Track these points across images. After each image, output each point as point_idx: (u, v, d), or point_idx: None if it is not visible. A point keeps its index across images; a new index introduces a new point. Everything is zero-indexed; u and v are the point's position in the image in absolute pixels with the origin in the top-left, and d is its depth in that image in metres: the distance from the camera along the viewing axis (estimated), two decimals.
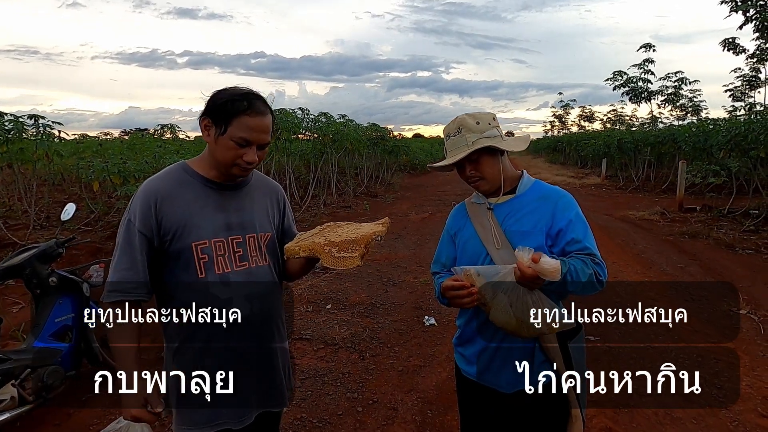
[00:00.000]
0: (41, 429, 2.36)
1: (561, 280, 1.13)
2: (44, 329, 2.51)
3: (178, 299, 1.17)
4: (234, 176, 1.21)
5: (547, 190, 1.33)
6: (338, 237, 1.19)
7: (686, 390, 2.29)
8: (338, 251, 1.14)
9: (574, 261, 1.19)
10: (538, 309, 1.15)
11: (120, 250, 1.14)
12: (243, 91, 1.16)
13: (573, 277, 1.17)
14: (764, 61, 14.60)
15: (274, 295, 1.28)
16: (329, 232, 1.25)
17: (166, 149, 6.86)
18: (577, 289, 1.20)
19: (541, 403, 1.30)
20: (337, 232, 1.24)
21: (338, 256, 1.14)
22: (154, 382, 1.20)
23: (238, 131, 1.13)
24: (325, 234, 1.24)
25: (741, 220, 7.57)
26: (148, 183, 1.19)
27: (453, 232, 1.45)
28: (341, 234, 1.21)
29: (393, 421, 2.35)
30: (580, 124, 33.03)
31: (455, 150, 1.29)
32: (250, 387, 1.23)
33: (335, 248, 1.15)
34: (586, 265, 1.19)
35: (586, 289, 1.20)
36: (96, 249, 5.55)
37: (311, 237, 1.24)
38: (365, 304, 4.06)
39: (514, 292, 1.15)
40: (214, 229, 1.18)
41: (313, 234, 1.26)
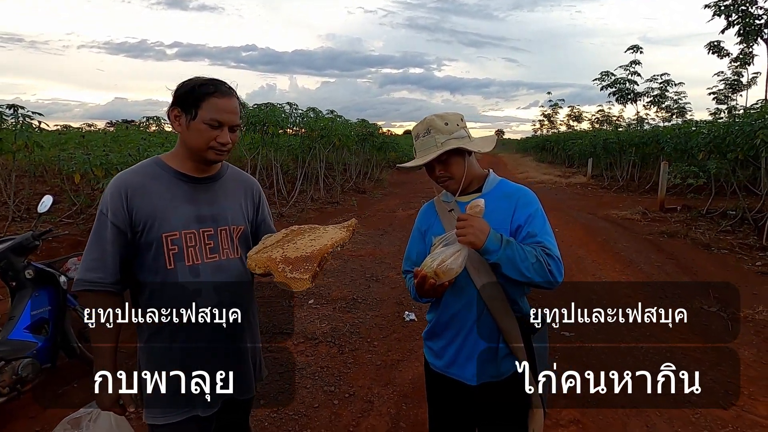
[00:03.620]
0: (15, 422, 2.36)
1: (497, 251, 1.16)
2: (19, 322, 2.49)
3: (148, 290, 1.19)
4: (210, 161, 1.23)
5: (510, 188, 1.37)
6: (295, 251, 1.17)
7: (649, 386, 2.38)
8: (291, 270, 1.11)
9: (522, 244, 1.22)
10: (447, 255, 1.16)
11: (90, 242, 1.17)
12: (207, 78, 1.22)
13: (514, 252, 1.18)
14: (747, 64, 14.93)
15: (244, 286, 1.31)
16: (289, 242, 1.23)
17: (151, 142, 6.78)
18: (523, 270, 1.19)
19: (504, 394, 1.34)
20: (296, 243, 1.21)
21: (290, 276, 1.11)
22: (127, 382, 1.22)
23: (209, 113, 1.17)
24: (284, 245, 1.21)
25: (718, 220, 7.76)
26: (120, 176, 1.21)
27: (423, 229, 1.48)
28: (299, 246, 1.19)
29: (368, 414, 2.40)
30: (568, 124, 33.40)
31: (424, 151, 1.32)
32: (217, 376, 1.25)
33: (288, 266, 1.12)
34: (535, 250, 1.21)
35: (532, 275, 1.20)
36: (77, 242, 5.48)
37: (272, 246, 1.22)
38: (347, 300, 4.09)
39: (453, 247, 1.18)
40: (184, 220, 1.20)
41: (276, 241, 1.24)
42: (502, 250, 1.18)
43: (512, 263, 1.19)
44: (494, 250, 1.18)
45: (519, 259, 1.19)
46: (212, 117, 1.17)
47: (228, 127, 1.20)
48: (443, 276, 1.17)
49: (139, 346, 1.27)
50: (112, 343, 1.17)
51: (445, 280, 1.19)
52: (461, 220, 1.18)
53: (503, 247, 1.18)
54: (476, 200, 1.20)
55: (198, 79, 1.22)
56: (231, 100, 1.21)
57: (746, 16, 11.03)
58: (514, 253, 1.19)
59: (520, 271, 1.20)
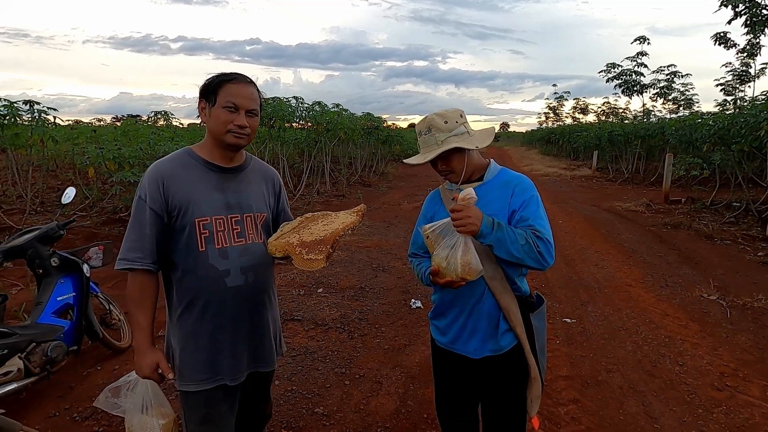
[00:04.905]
0: (45, 401, 2.50)
1: (489, 234, 1.26)
2: (47, 307, 2.64)
3: (181, 270, 1.31)
4: (230, 145, 1.34)
5: (509, 177, 1.47)
6: (310, 235, 1.31)
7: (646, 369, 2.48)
8: (307, 252, 1.25)
9: (513, 228, 1.32)
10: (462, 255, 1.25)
11: (130, 225, 1.29)
12: (227, 71, 1.35)
13: (505, 235, 1.27)
14: (754, 55, 14.79)
15: (267, 268, 1.43)
16: (305, 228, 1.36)
17: (161, 136, 6.91)
18: (513, 251, 1.28)
19: (504, 367, 1.45)
20: (311, 228, 1.35)
21: (307, 258, 1.25)
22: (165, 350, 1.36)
23: (225, 98, 1.30)
24: (300, 230, 1.35)
25: (723, 212, 7.80)
26: (156, 165, 1.33)
27: (429, 215, 1.59)
28: (314, 231, 1.32)
29: (378, 393, 2.52)
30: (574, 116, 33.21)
31: (427, 148, 1.43)
32: (243, 348, 1.38)
33: (305, 249, 1.26)
34: (526, 233, 1.30)
35: (522, 256, 1.29)
36: (91, 234, 5.64)
37: (289, 233, 1.35)
38: (355, 288, 4.21)
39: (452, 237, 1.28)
40: (214, 207, 1.32)
41: (292, 228, 1.38)
42: (494, 233, 1.28)
43: (503, 245, 1.28)
44: (487, 233, 1.28)
45: (509, 241, 1.29)
46: (227, 100, 1.29)
47: (245, 112, 1.32)
48: (470, 277, 1.27)
49: (170, 321, 1.39)
50: (149, 316, 1.30)
51: (472, 280, 1.29)
52: (456, 212, 1.26)
53: (494, 230, 1.28)
54: (467, 190, 1.28)
55: (220, 72, 1.35)
56: (246, 87, 1.33)
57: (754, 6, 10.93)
58: (504, 235, 1.29)
59: (510, 252, 1.29)
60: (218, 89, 1.31)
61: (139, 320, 1.29)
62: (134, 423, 1.39)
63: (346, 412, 2.35)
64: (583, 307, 3.78)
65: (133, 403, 1.38)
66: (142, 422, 1.38)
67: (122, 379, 1.41)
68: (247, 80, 1.35)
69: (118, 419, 2.36)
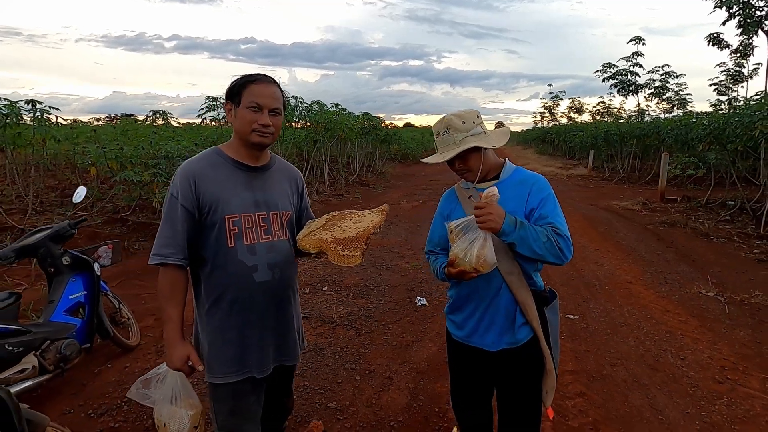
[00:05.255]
0: (59, 398, 2.53)
1: (512, 232, 1.31)
2: (59, 305, 2.66)
3: (210, 265, 1.35)
4: (255, 144, 1.39)
5: (525, 175, 1.52)
6: (343, 233, 1.37)
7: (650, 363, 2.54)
8: (343, 249, 1.33)
9: (534, 225, 1.37)
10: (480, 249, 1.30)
11: (163, 221, 1.33)
12: (251, 72, 1.41)
13: (527, 233, 1.32)
14: (747, 56, 15.00)
15: (291, 265, 1.47)
16: (334, 225, 1.42)
17: (162, 135, 6.91)
18: (535, 249, 1.33)
19: (521, 359, 1.51)
20: (342, 225, 1.41)
21: (343, 254, 1.33)
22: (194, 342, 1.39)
23: (249, 98, 1.35)
24: (330, 228, 1.41)
25: (718, 210, 7.92)
26: (187, 164, 1.37)
27: (446, 213, 1.64)
28: (345, 228, 1.39)
29: (388, 388, 2.57)
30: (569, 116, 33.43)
31: (444, 148, 1.48)
32: (270, 342, 1.42)
33: (340, 246, 1.34)
34: (546, 230, 1.36)
35: (543, 252, 1.34)
36: (93, 234, 5.63)
37: (319, 230, 1.42)
38: (360, 286, 4.26)
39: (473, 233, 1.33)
40: (243, 204, 1.36)
41: (320, 226, 1.44)
42: (517, 232, 1.33)
43: (525, 242, 1.34)
44: (510, 232, 1.33)
45: (531, 238, 1.34)
46: (251, 100, 1.34)
47: (268, 111, 1.36)
48: (483, 269, 1.32)
49: (198, 315, 1.43)
50: (180, 310, 1.34)
51: (484, 272, 1.34)
52: (479, 209, 1.32)
53: (517, 229, 1.34)
54: (491, 188, 1.34)
55: (243, 75, 1.39)
56: (269, 87, 1.37)
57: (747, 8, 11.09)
58: (527, 233, 1.34)
59: (533, 249, 1.35)
60: (242, 90, 1.35)
61: (170, 314, 1.32)
62: (163, 413, 1.43)
63: (358, 407, 2.40)
64: (585, 303, 3.85)
65: (163, 394, 1.42)
66: (171, 413, 1.42)
67: (153, 371, 1.45)
68: (269, 80, 1.39)
69: (134, 415, 2.39)
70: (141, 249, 5.60)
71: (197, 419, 1.45)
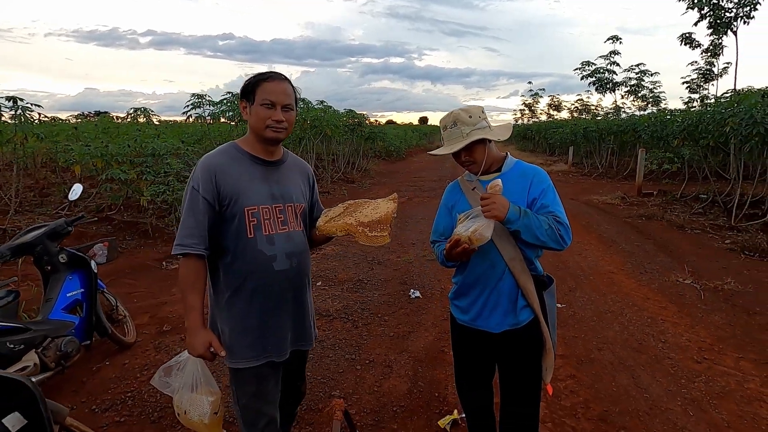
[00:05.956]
0: (61, 395, 2.53)
1: (517, 220, 1.41)
2: (57, 303, 2.65)
3: (231, 255, 1.41)
4: (270, 140, 1.45)
5: (525, 168, 1.62)
6: (365, 217, 1.47)
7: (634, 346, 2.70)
8: (370, 230, 1.43)
9: (536, 214, 1.47)
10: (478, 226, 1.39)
11: (186, 213, 1.37)
12: (263, 71, 1.47)
13: (530, 221, 1.43)
14: (717, 55, 15.61)
15: (306, 254, 1.54)
16: (354, 212, 1.51)
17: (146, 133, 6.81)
18: (539, 235, 1.44)
19: (522, 339, 1.61)
20: (362, 211, 1.51)
21: (371, 234, 1.43)
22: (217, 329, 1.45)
23: (262, 96, 1.41)
24: (351, 213, 1.50)
25: (692, 203, 8.27)
26: (207, 158, 1.42)
27: (450, 205, 1.73)
28: (366, 214, 1.49)
29: (389, 376, 2.66)
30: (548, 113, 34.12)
31: (452, 140, 1.57)
32: (288, 327, 1.49)
33: (367, 228, 1.44)
34: (548, 218, 1.46)
35: (546, 239, 1.45)
36: (80, 233, 5.54)
37: (340, 216, 1.51)
38: (353, 281, 4.33)
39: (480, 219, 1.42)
40: (261, 197, 1.42)
41: (340, 213, 1.53)
42: (521, 220, 1.44)
43: (529, 230, 1.45)
44: (514, 220, 1.43)
45: (535, 226, 1.45)
46: (264, 98, 1.40)
47: (281, 107, 1.42)
48: (476, 242, 1.42)
49: (216, 304, 1.48)
50: (201, 298, 1.39)
51: (476, 246, 1.43)
52: (485, 199, 1.42)
53: (522, 217, 1.44)
54: (495, 180, 1.45)
55: (256, 73, 1.46)
56: (281, 84, 1.43)
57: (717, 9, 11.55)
58: (530, 221, 1.45)
59: (536, 236, 1.45)
60: (255, 88, 1.41)
61: (191, 302, 1.37)
62: (184, 400, 1.48)
63: (362, 394, 2.48)
64: (572, 293, 4.01)
65: (183, 382, 1.47)
66: (192, 399, 1.47)
67: (173, 359, 1.50)
68: (281, 77, 1.45)
69: (138, 409, 2.41)
70: (129, 248, 5.54)
71: (217, 405, 1.51)
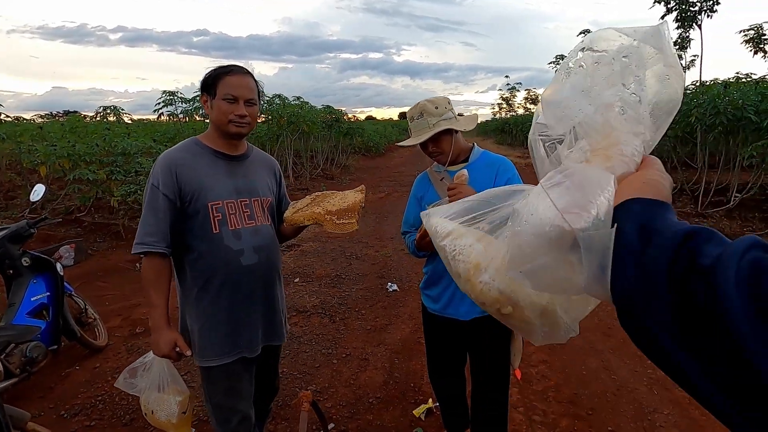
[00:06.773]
0: (27, 402, 2.45)
1: None
2: (20, 308, 2.57)
3: (197, 251, 1.39)
4: (232, 134, 1.43)
5: (491, 158, 1.65)
6: (333, 206, 1.46)
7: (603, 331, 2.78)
8: (338, 218, 1.43)
9: None
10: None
11: (145, 211, 1.34)
12: (224, 64, 1.45)
13: None
14: (684, 48, 16.10)
15: (275, 248, 1.53)
16: (321, 202, 1.51)
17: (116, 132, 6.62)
18: None
19: (491, 326, 1.64)
20: (330, 201, 1.50)
21: (339, 222, 1.42)
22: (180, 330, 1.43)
23: (224, 90, 1.39)
24: (319, 204, 1.50)
25: None
26: (168, 153, 1.39)
27: (419, 195, 1.74)
28: (334, 203, 1.48)
29: (365, 369, 2.67)
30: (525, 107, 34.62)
31: (419, 131, 1.58)
32: (258, 323, 1.48)
33: (335, 216, 1.43)
34: None
35: None
36: (46, 236, 5.36)
37: (307, 207, 1.50)
38: (331, 276, 4.32)
39: None
40: (225, 191, 1.40)
41: (307, 204, 1.52)
42: None
43: None
44: None
45: None
46: (226, 92, 1.38)
47: (243, 102, 1.40)
48: None
49: (185, 302, 1.46)
50: (165, 297, 1.36)
51: None
52: (451, 189, 1.44)
53: None
54: (461, 171, 1.47)
55: (217, 66, 1.43)
56: (243, 78, 1.41)
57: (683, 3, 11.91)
58: None
59: None
60: (217, 82, 1.38)
61: (155, 300, 1.35)
62: (151, 401, 1.45)
63: (338, 387, 2.49)
64: None
65: (150, 382, 1.45)
66: (159, 399, 1.45)
67: (139, 360, 1.47)
68: (243, 71, 1.43)
69: (109, 413, 2.36)
70: (99, 250, 5.39)
71: (185, 405, 1.49)
